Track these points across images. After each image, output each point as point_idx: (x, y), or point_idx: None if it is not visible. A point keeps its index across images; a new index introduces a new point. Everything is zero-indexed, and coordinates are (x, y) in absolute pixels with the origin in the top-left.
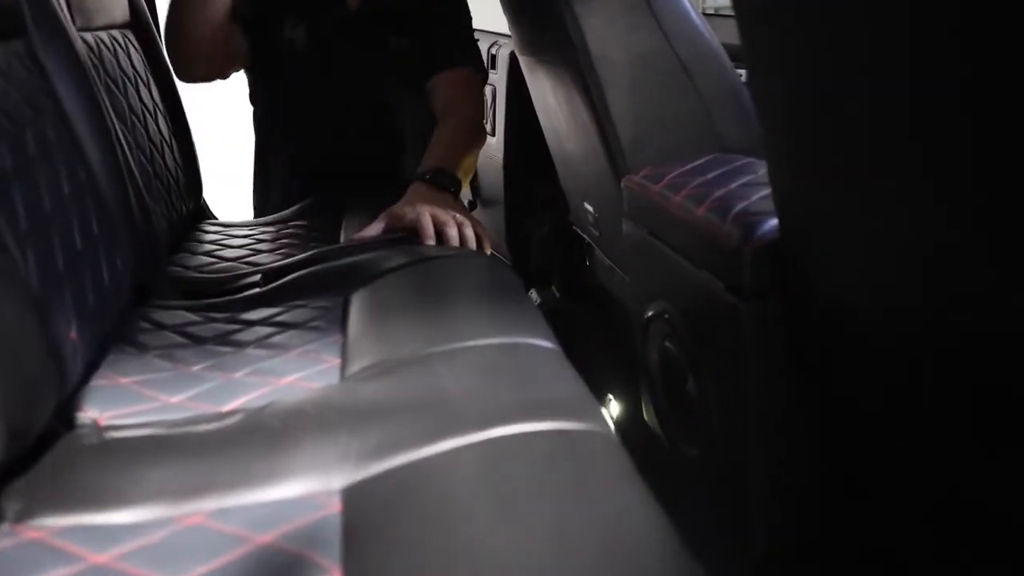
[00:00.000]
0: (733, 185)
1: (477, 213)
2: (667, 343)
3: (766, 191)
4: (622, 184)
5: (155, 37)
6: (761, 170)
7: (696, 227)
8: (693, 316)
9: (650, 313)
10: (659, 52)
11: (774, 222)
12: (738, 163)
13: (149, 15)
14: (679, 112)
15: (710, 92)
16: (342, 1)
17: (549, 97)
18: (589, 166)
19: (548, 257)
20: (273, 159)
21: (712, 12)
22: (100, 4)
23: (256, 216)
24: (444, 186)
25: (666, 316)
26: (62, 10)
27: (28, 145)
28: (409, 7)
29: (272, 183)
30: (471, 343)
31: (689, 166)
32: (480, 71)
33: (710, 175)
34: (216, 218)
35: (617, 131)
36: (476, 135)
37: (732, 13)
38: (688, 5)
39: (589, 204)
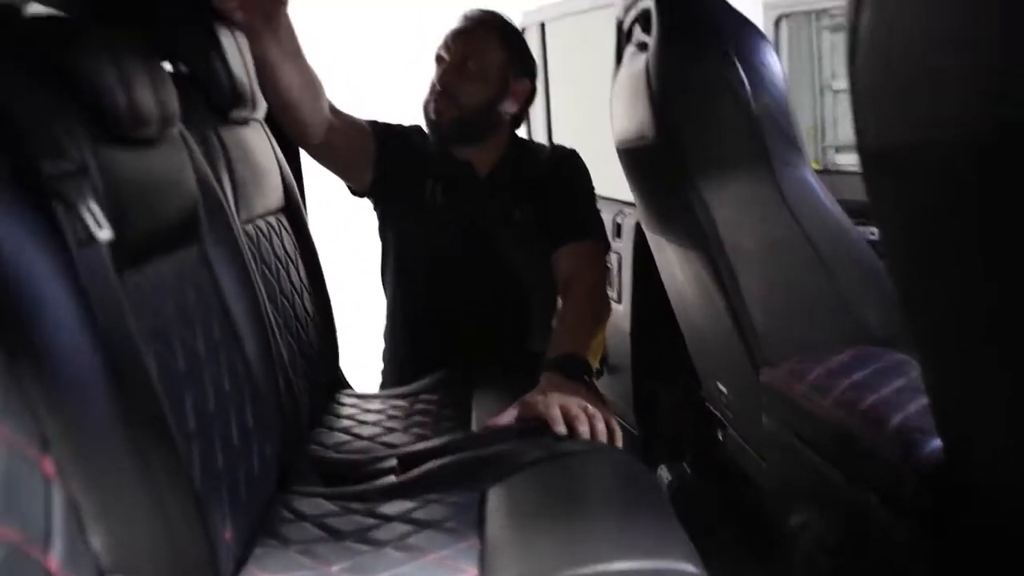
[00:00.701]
0: (885, 390)
1: (604, 379)
2: (815, 556)
3: (922, 399)
4: (761, 378)
5: (304, 218)
6: (913, 371)
7: (848, 437)
8: (843, 530)
9: (796, 522)
10: (792, 240)
11: (937, 442)
12: (885, 361)
13: (299, 197)
14: (816, 301)
15: (848, 280)
16: (471, 168)
17: (677, 274)
18: (722, 348)
19: (677, 427)
20: (402, 328)
21: (835, 169)
22: (260, 193)
23: (384, 382)
24: (575, 374)
25: (813, 528)
26: (229, 207)
27: (199, 346)
28: (534, 179)
29: (401, 352)
30: (615, 566)
31: (834, 362)
32: (603, 243)
33: (857, 376)
34: (350, 386)
35: (752, 319)
36: (601, 311)
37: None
38: (820, 193)
39: (722, 385)
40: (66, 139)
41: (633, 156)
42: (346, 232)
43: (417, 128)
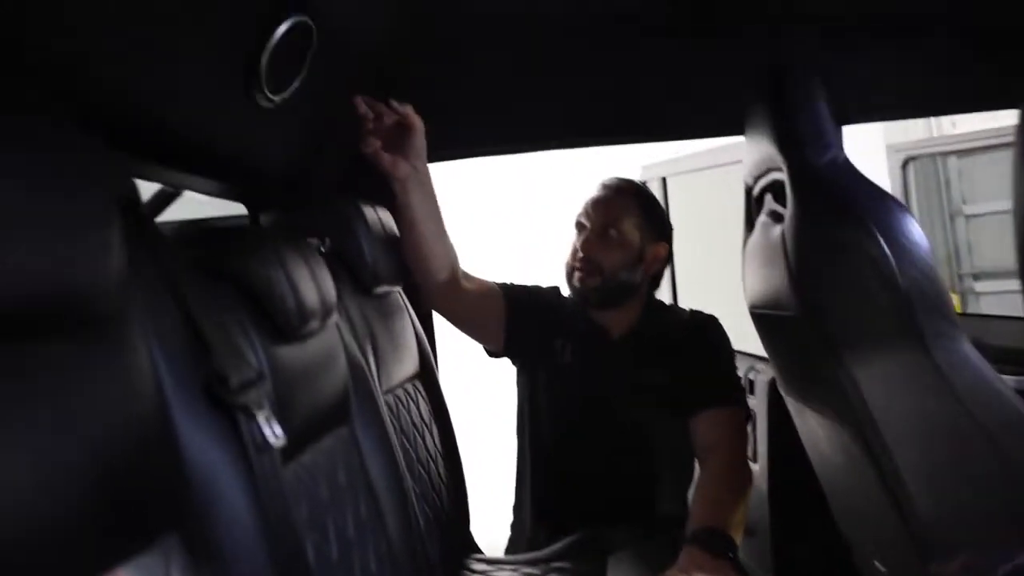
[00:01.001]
0: None
1: (740, 542)
2: None
3: None
4: (931, 571)
5: (438, 383)
6: None
7: None
8: None
9: None
10: (955, 419)
11: None
12: None
13: (433, 361)
14: (988, 485)
15: (1021, 461)
16: (605, 331)
17: (821, 443)
18: (878, 527)
19: None
20: (532, 489)
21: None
22: (399, 361)
23: (511, 545)
24: (720, 550)
25: None
26: (374, 382)
27: (349, 529)
28: (669, 342)
29: (531, 513)
30: None
31: (1017, 563)
32: (744, 410)
33: None
34: (480, 550)
35: (914, 503)
36: (743, 483)
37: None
38: (981, 366)
39: (880, 564)
40: (247, 348)
41: (769, 322)
42: (476, 393)
43: (554, 289)
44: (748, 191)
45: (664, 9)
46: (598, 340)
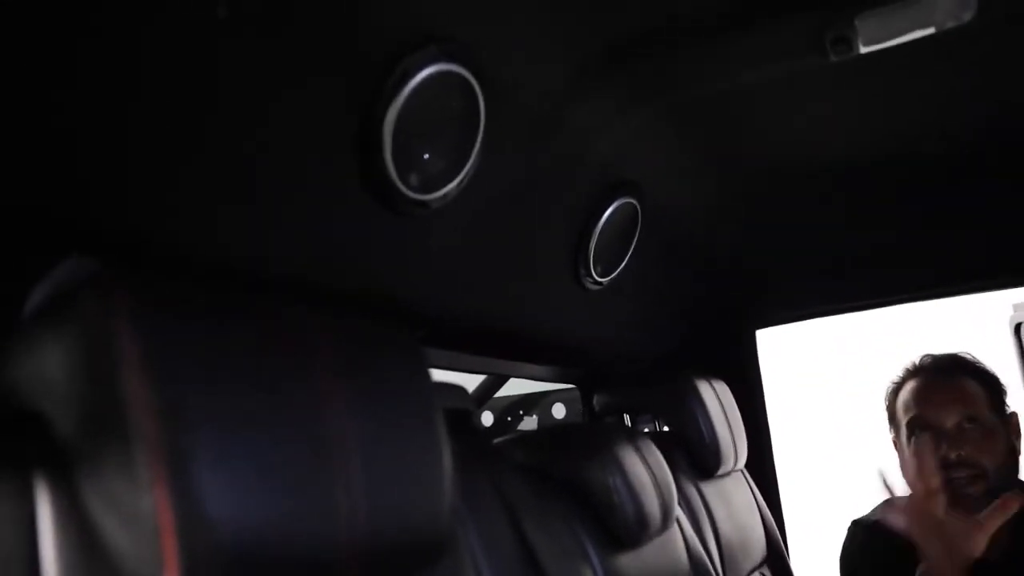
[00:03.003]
0: None
1: None
2: None
3: None
4: None
5: (789, 567)
6: None
7: None
8: None
9: None
10: None
11: None
12: None
13: (783, 545)
14: None
15: None
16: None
17: None
18: None
19: None
20: None
21: None
22: (744, 548)
23: None
24: None
25: None
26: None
27: None
28: None
29: None
30: None
31: None
32: None
33: None
34: None
35: None
36: None
37: None
38: None
39: None
40: (581, 562)
41: None
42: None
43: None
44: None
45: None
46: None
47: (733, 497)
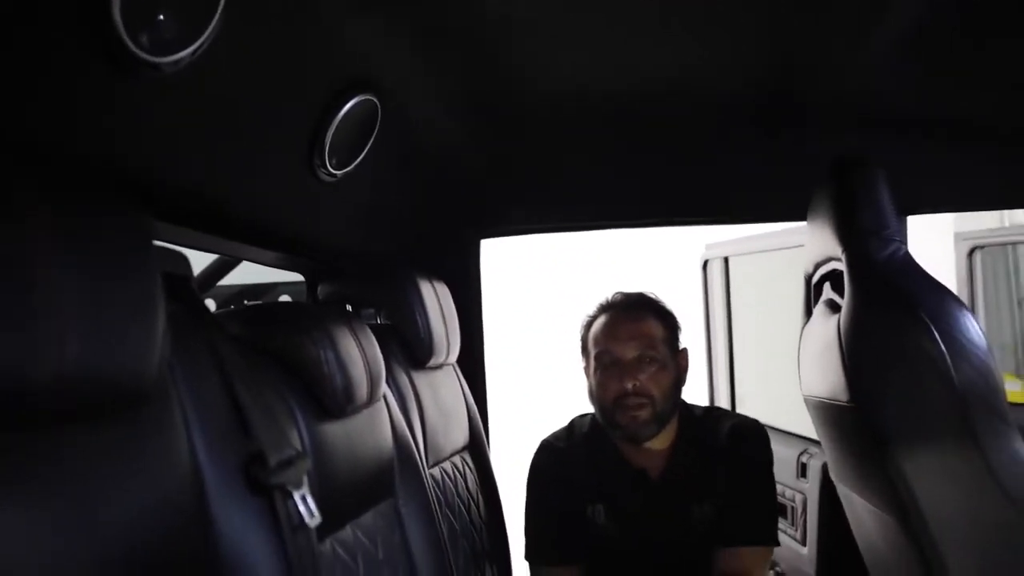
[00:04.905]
0: None
1: None
2: None
3: None
4: None
5: (487, 456)
6: None
7: None
8: None
9: None
10: (1009, 522)
11: None
12: None
13: (484, 433)
14: None
15: None
16: (643, 474)
17: (870, 532)
18: None
19: None
20: None
21: None
22: (448, 434)
23: None
24: None
25: None
26: (420, 456)
27: None
28: (710, 468)
29: None
30: None
31: None
32: (772, 547)
33: None
34: None
35: None
36: None
37: None
38: None
39: None
40: (290, 426)
41: (823, 411)
42: (526, 464)
43: (582, 445)
44: (808, 279)
45: (743, 100)
46: (636, 489)
47: (441, 388)
